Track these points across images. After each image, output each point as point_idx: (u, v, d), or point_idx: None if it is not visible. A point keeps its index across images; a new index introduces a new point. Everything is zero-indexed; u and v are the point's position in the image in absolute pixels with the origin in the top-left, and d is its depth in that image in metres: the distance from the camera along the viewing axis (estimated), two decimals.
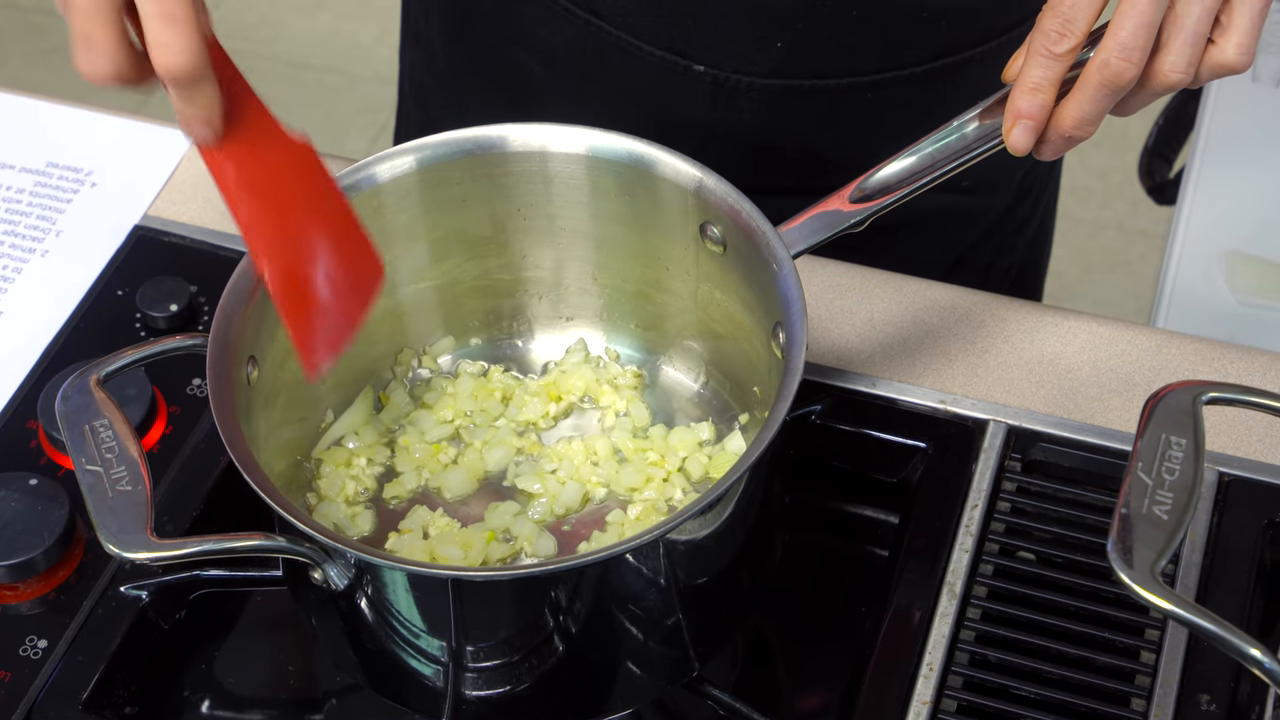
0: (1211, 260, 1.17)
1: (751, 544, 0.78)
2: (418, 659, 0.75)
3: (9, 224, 0.99)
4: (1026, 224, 1.10)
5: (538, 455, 0.84)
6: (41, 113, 1.05)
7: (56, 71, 2.41)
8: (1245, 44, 0.72)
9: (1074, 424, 0.86)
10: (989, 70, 0.96)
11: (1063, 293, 2.11)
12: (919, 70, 0.94)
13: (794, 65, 0.93)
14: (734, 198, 0.79)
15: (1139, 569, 0.65)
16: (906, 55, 0.94)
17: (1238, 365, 0.89)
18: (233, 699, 0.84)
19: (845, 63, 0.94)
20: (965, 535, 0.82)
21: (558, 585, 0.72)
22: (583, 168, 0.82)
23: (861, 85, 0.95)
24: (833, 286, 0.93)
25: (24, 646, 0.79)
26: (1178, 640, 0.78)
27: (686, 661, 0.78)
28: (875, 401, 0.88)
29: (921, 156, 0.78)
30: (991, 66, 0.96)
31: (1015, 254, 1.10)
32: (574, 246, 0.86)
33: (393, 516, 0.83)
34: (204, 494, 0.84)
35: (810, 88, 0.94)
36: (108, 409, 0.74)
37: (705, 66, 0.93)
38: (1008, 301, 0.93)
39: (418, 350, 0.88)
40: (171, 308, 0.91)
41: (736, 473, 0.70)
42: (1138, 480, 0.67)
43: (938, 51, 0.94)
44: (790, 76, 0.94)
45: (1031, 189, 1.08)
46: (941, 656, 0.78)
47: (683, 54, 0.93)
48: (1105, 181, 2.23)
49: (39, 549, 0.80)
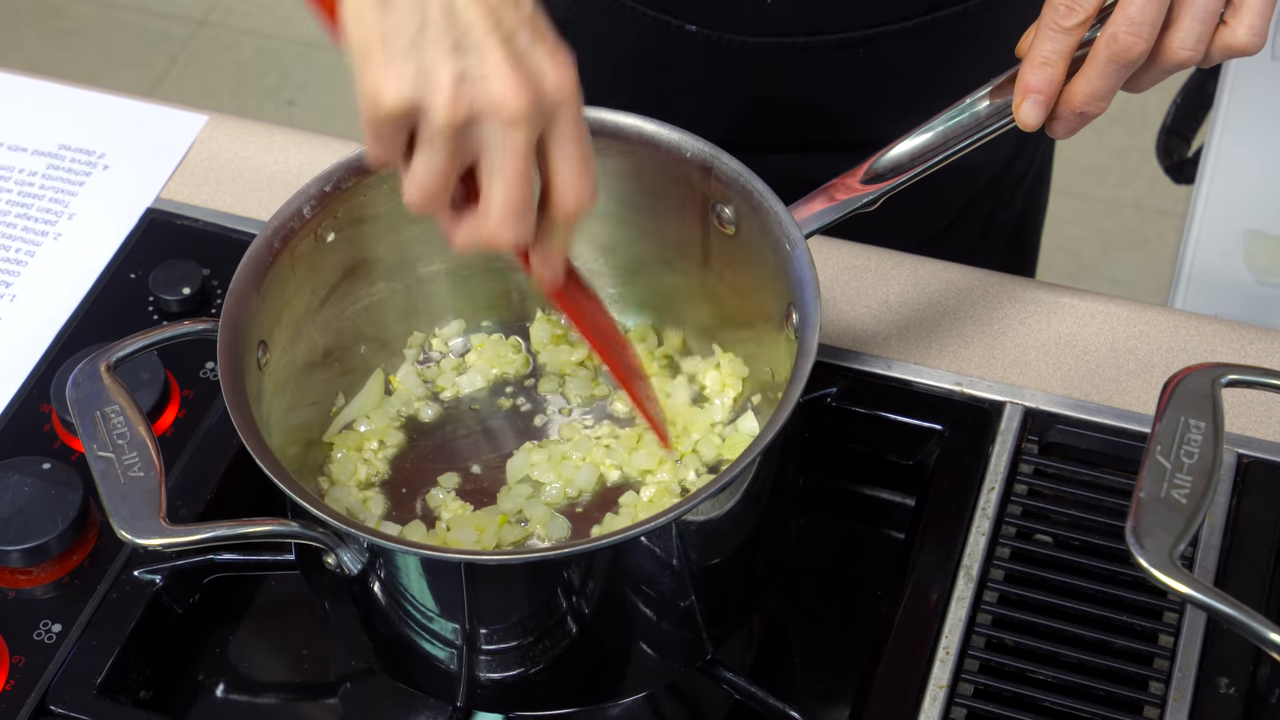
0: (1230, 240, 1.16)
1: (766, 526, 0.77)
2: (431, 643, 0.75)
3: (22, 207, 0.99)
4: (1024, 176, 1.09)
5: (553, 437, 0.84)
6: (54, 95, 1.05)
7: (72, 53, 2.41)
8: (1257, 25, 0.72)
9: (1091, 406, 0.86)
10: (982, 23, 0.96)
11: (1080, 272, 2.10)
12: (910, 24, 0.94)
13: (786, 22, 0.93)
14: (745, 177, 0.78)
15: (1157, 553, 0.64)
16: (898, 9, 0.94)
17: (1257, 346, 0.89)
18: (246, 683, 0.84)
19: (837, 19, 0.93)
20: (982, 518, 0.81)
21: (571, 569, 0.71)
22: (593, 147, 0.81)
23: (854, 40, 0.94)
24: (848, 268, 0.93)
25: (38, 631, 0.79)
26: (1196, 624, 0.77)
27: (700, 645, 0.77)
28: (891, 384, 0.87)
29: (934, 134, 0.78)
30: (984, 19, 0.96)
31: (1014, 207, 1.10)
32: (584, 227, 0.85)
33: (403, 500, 0.82)
34: (217, 479, 0.84)
35: (803, 44, 0.94)
36: (119, 395, 0.73)
37: (697, 26, 0.93)
38: (1025, 282, 0.92)
39: (428, 333, 0.88)
40: (184, 291, 0.91)
41: (751, 454, 0.70)
42: (1156, 463, 0.67)
43: (930, 5, 0.94)
44: (782, 34, 0.93)
45: (1029, 141, 1.07)
46: (958, 640, 0.77)
47: (675, 14, 0.93)
48: (1123, 160, 2.22)
49: (53, 533, 0.80)
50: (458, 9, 0.65)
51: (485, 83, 0.65)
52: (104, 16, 2.47)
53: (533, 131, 0.66)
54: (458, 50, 0.64)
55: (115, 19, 2.45)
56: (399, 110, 0.65)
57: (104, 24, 2.46)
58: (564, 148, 0.68)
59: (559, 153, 0.68)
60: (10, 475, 0.81)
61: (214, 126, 1.02)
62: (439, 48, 0.64)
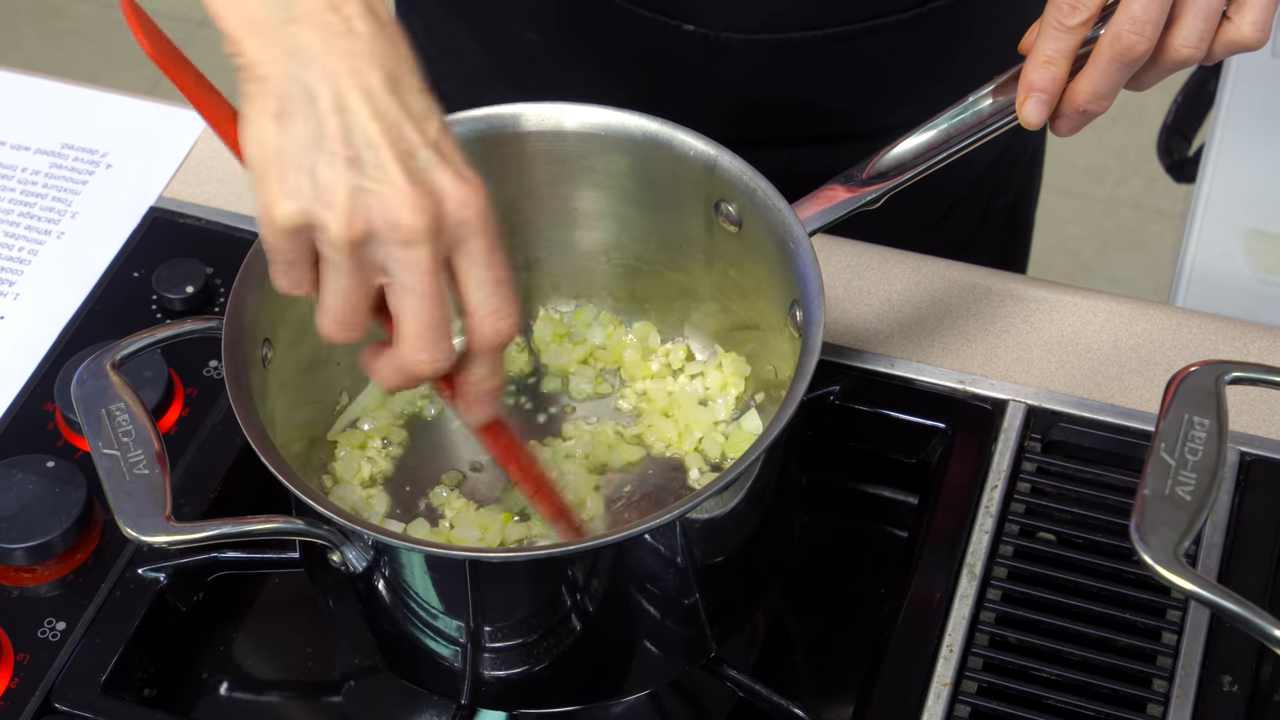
0: (1231, 239, 1.16)
1: (769, 524, 0.77)
2: (436, 640, 0.75)
3: (25, 206, 0.99)
4: (1019, 159, 1.10)
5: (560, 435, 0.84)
6: (56, 94, 1.05)
7: (70, 53, 2.41)
8: (1260, 20, 0.72)
9: (1094, 404, 0.86)
10: (977, 14, 0.96)
11: (1079, 271, 2.11)
12: (906, 16, 0.94)
13: (780, 19, 0.93)
14: (749, 175, 0.78)
15: (1162, 550, 0.64)
16: (893, 1, 0.94)
17: (1259, 344, 0.89)
18: (251, 681, 0.84)
19: (832, 13, 0.93)
20: (985, 516, 0.81)
21: (575, 566, 0.71)
22: (596, 146, 0.82)
23: (850, 34, 0.94)
24: (850, 266, 0.93)
25: (42, 629, 0.79)
26: (1199, 621, 0.77)
27: (704, 642, 0.78)
28: (894, 382, 0.87)
29: (937, 132, 0.78)
30: (979, 9, 0.96)
31: (1010, 191, 1.10)
32: (587, 226, 0.86)
33: (407, 498, 0.83)
34: (221, 476, 0.84)
35: (799, 40, 0.94)
36: (124, 392, 0.73)
37: (694, 25, 0.93)
38: (1027, 281, 0.93)
39: None
40: (188, 289, 0.91)
41: (755, 452, 0.70)
42: (1160, 461, 0.67)
43: None
44: (778, 30, 0.94)
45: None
46: (962, 638, 0.77)
47: (671, 14, 0.94)
48: (1121, 159, 2.22)
49: (57, 531, 0.80)
50: (357, 126, 0.63)
51: (381, 199, 0.63)
52: (103, 16, 2.47)
53: (435, 250, 0.64)
54: (353, 166, 0.63)
55: (115, 19, 2.45)
56: (291, 225, 0.64)
57: (103, 24, 2.46)
58: (474, 271, 0.66)
59: (469, 277, 0.66)
60: (14, 473, 0.81)
61: None
62: (335, 163, 0.63)
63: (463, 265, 0.66)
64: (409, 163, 0.64)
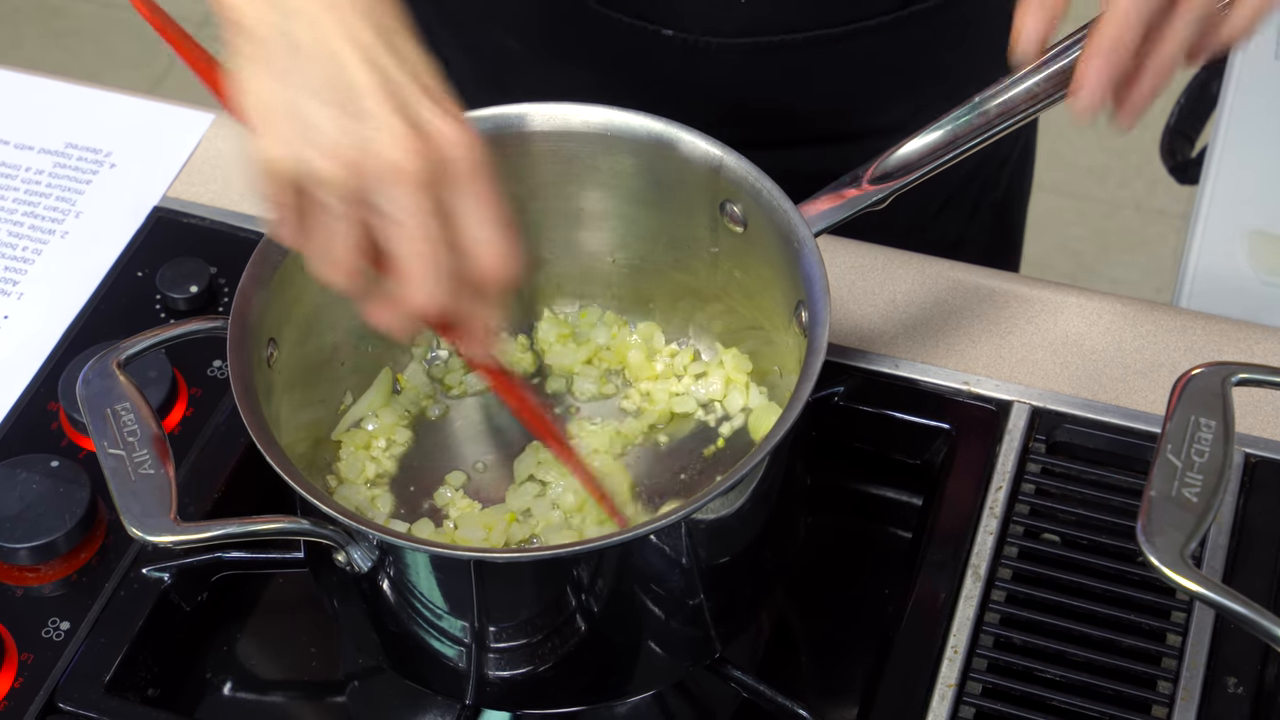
0: (1234, 240, 1.16)
1: (774, 525, 0.77)
2: (440, 640, 0.75)
3: (29, 205, 0.99)
4: (1009, 157, 1.10)
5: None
6: (60, 94, 1.05)
7: (71, 53, 2.41)
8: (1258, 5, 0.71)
9: (1098, 405, 0.86)
10: (958, 16, 0.96)
11: (1080, 272, 2.10)
12: (887, 19, 0.94)
13: (760, 22, 0.93)
14: (755, 176, 0.78)
15: (1168, 552, 0.64)
16: (873, 4, 0.94)
17: (1264, 345, 0.89)
18: (254, 681, 0.84)
19: (812, 16, 0.93)
20: (989, 517, 0.81)
21: (580, 566, 0.71)
22: (602, 147, 0.82)
23: (831, 37, 0.94)
24: (855, 267, 0.93)
25: (46, 628, 0.79)
26: (1204, 623, 0.77)
27: (709, 643, 0.78)
28: (898, 383, 0.87)
29: (943, 133, 0.78)
30: (961, 12, 0.96)
31: (998, 188, 1.10)
32: (592, 226, 0.86)
33: (411, 498, 0.82)
34: (225, 476, 0.84)
35: (779, 43, 0.94)
36: (129, 392, 0.73)
37: (673, 30, 0.93)
38: (1031, 282, 0.93)
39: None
40: (192, 289, 0.91)
41: (760, 453, 0.70)
42: (1167, 462, 0.67)
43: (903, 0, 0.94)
44: (758, 34, 0.94)
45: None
46: (966, 639, 0.77)
47: (650, 19, 0.94)
48: (1123, 160, 2.22)
49: (61, 531, 0.80)
50: (349, 74, 0.64)
51: (374, 142, 0.64)
52: (104, 16, 2.47)
53: (430, 191, 0.65)
54: (345, 112, 0.64)
55: (115, 19, 2.45)
56: (285, 170, 0.64)
57: (104, 24, 2.46)
58: (471, 208, 0.66)
59: (467, 215, 0.66)
60: (18, 473, 0.81)
61: (220, 124, 1.02)
62: (328, 110, 0.64)
63: (459, 206, 0.66)
64: (400, 106, 0.64)
